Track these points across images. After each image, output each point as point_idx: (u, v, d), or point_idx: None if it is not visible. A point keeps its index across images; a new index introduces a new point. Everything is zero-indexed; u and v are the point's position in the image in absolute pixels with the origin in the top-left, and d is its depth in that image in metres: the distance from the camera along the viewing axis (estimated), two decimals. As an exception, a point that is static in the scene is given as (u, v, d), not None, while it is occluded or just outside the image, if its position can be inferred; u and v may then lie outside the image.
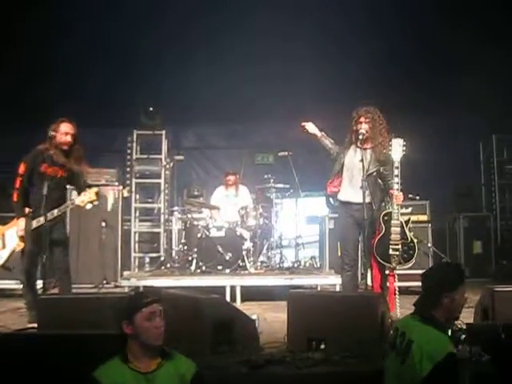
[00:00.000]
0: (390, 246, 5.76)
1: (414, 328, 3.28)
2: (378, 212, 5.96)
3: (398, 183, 5.76)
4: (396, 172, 5.74)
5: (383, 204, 6.17)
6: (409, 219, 5.92)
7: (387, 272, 6.00)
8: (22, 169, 6.09)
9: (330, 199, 6.27)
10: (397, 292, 5.94)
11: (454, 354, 3.07)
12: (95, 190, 6.15)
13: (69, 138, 6.09)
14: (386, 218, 5.81)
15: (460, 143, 11.19)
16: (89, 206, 6.20)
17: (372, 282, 5.97)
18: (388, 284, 6.03)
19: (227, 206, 9.27)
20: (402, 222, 5.81)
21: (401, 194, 5.79)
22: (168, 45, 9.87)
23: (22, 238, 6.01)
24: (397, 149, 5.75)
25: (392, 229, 5.76)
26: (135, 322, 3.19)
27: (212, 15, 9.74)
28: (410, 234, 5.84)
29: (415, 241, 5.90)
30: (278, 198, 9.51)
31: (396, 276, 5.93)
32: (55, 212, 6.00)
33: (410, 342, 3.19)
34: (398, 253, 5.77)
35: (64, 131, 6.09)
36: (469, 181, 11.12)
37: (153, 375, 3.14)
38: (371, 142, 6.05)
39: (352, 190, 6.03)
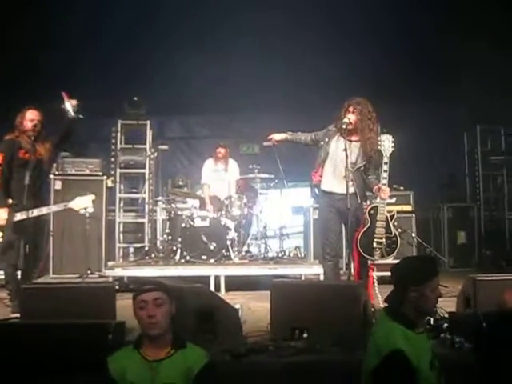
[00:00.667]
0: (374, 240, 5.83)
1: (379, 322, 3.25)
2: (361, 204, 5.99)
3: (385, 178, 5.80)
4: (385, 167, 5.79)
5: (369, 197, 6.18)
6: (394, 214, 5.96)
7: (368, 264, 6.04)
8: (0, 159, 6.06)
9: (315, 189, 6.26)
10: (376, 282, 5.97)
11: (402, 350, 2.97)
12: (92, 197, 6.21)
13: (35, 124, 6.14)
14: (371, 211, 5.85)
15: (444, 134, 11.22)
16: (82, 212, 6.25)
17: (354, 272, 6.00)
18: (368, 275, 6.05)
19: (216, 181, 9.25)
20: (387, 217, 5.85)
21: (388, 188, 5.83)
22: (155, 36, 9.81)
23: (1, 228, 5.97)
24: (386, 144, 5.79)
25: (377, 222, 5.82)
26: (134, 309, 3.17)
27: (201, 8, 9.67)
28: (394, 229, 5.89)
29: (398, 235, 5.95)
30: (264, 189, 9.51)
31: (375, 267, 5.95)
32: (44, 210, 6.00)
33: (371, 336, 3.15)
34: (381, 246, 5.83)
35: (30, 118, 6.18)
36: (453, 171, 11.19)
37: (158, 364, 3.07)
38: (358, 135, 6.04)
39: (335, 180, 6.03)
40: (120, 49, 9.83)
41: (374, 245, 5.83)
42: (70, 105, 6.31)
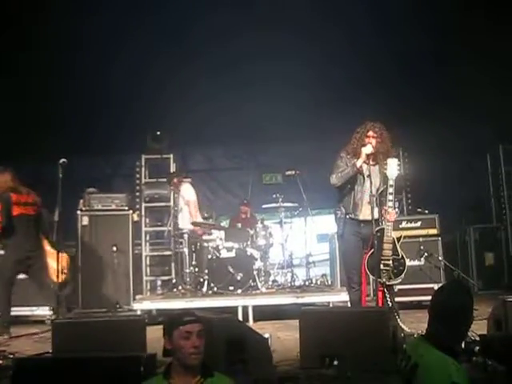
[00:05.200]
0: (382, 262, 5.78)
1: (424, 352, 3.14)
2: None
3: (391, 201, 5.77)
4: (390, 190, 5.76)
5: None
6: (400, 236, 5.95)
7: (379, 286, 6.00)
8: None
9: (340, 217, 6.24)
10: (395, 308, 5.90)
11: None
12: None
13: None
14: (378, 234, 5.83)
15: (467, 155, 11.17)
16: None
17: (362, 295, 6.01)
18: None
19: None
20: (394, 239, 5.83)
21: (394, 211, 5.81)
22: (174, 68, 9.99)
23: None
24: (392, 168, 5.79)
25: (384, 245, 5.77)
26: (173, 338, 3.22)
27: (222, 41, 9.86)
28: (400, 251, 5.86)
29: (405, 257, 5.92)
30: (288, 217, 9.52)
31: (387, 292, 5.89)
32: None
33: (415, 366, 3.09)
34: (388, 268, 5.78)
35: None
36: (478, 192, 11.11)
37: None
38: (376, 159, 6.04)
39: (360, 207, 6.03)
40: (141, 84, 10.01)
41: (382, 267, 5.78)
42: None
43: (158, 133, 10.20)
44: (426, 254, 8.42)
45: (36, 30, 9.24)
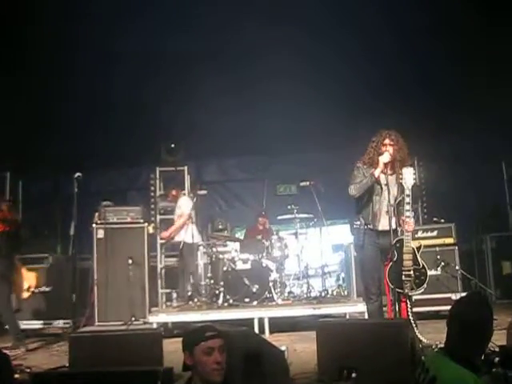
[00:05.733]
0: (403, 273, 5.70)
1: (442, 365, 3.11)
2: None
3: (408, 210, 5.71)
4: (407, 200, 5.69)
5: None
6: (420, 245, 5.88)
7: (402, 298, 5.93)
8: None
9: (354, 227, 6.19)
10: (412, 317, 5.84)
11: None
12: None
13: None
14: (397, 244, 5.77)
15: (482, 163, 11.09)
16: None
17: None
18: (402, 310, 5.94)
19: None
20: (413, 249, 5.77)
21: (412, 220, 5.74)
22: (187, 80, 10.04)
23: None
24: (408, 177, 5.73)
25: (404, 255, 5.70)
26: (195, 354, 3.19)
27: (232, 49, 9.89)
28: (421, 260, 5.81)
29: (426, 267, 5.86)
30: (303, 228, 9.50)
31: (408, 303, 5.84)
32: None
33: (434, 380, 3.06)
34: (410, 279, 5.71)
35: None
36: (494, 201, 11.03)
37: None
38: (396, 167, 5.98)
39: (378, 217, 5.99)
40: (157, 97, 10.06)
41: (403, 278, 5.71)
42: None
43: (173, 145, 10.25)
44: (442, 263, 8.37)
45: (45, 34, 9.31)
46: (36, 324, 8.21)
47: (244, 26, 9.49)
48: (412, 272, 5.74)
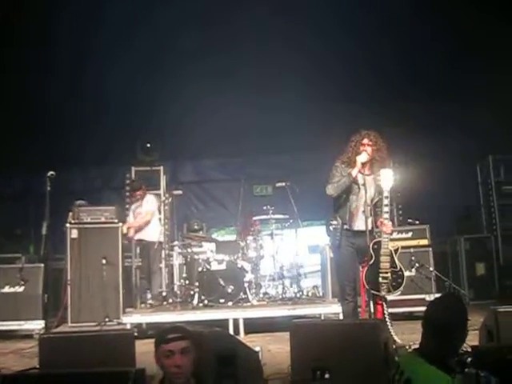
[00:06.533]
0: (380, 275, 5.71)
1: (415, 366, 3.13)
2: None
3: (387, 212, 5.73)
4: (386, 202, 5.71)
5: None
6: (398, 248, 5.90)
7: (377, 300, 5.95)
8: None
9: (330, 227, 6.18)
10: (388, 318, 5.86)
11: None
12: None
13: None
14: (375, 246, 5.78)
15: (457, 166, 11.21)
16: None
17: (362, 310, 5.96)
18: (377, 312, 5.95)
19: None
20: (391, 251, 5.79)
21: (390, 223, 5.76)
22: (164, 80, 9.99)
23: None
24: (386, 179, 5.74)
25: (382, 257, 5.71)
26: (158, 356, 3.14)
27: (212, 53, 9.85)
28: (398, 263, 5.82)
29: (403, 269, 5.87)
30: (278, 229, 9.48)
31: (384, 305, 5.86)
32: None
33: (408, 381, 3.07)
34: (387, 281, 5.72)
35: None
36: (468, 203, 11.15)
37: None
38: (374, 168, 6.00)
39: (354, 216, 5.98)
40: (131, 96, 9.98)
41: (380, 280, 5.73)
42: None
43: (149, 145, 10.19)
44: (417, 264, 8.42)
45: (24, 32, 9.18)
46: (7, 325, 8.07)
47: (225, 25, 9.48)
48: (389, 274, 5.75)
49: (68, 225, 8.50)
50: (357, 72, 10.01)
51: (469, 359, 4.56)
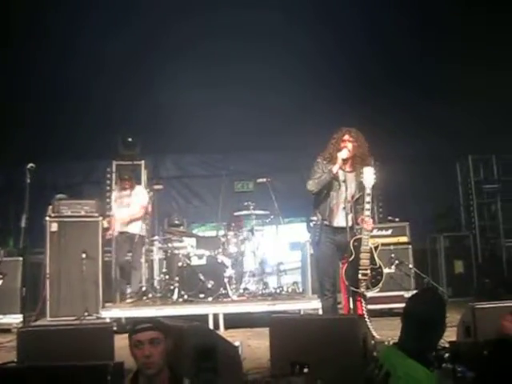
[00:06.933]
0: (359, 271, 5.75)
1: (396, 360, 3.17)
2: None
3: (369, 209, 5.76)
4: (368, 199, 5.74)
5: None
6: (378, 245, 5.94)
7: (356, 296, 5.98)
8: None
9: (311, 223, 6.21)
10: (366, 314, 5.89)
11: None
12: None
13: None
14: (355, 243, 5.82)
15: (437, 165, 11.31)
16: None
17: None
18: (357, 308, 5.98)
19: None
20: (371, 248, 5.83)
21: (371, 220, 5.80)
22: (146, 75, 9.94)
23: None
24: (368, 176, 5.78)
25: (362, 254, 5.75)
26: (130, 347, 3.18)
27: (193, 48, 9.80)
28: (378, 260, 5.87)
29: (383, 266, 5.92)
30: (259, 225, 9.49)
31: (363, 301, 5.89)
32: None
33: (388, 375, 3.12)
34: (366, 278, 5.76)
35: None
36: (448, 201, 11.26)
37: None
38: (355, 164, 6.03)
39: (334, 213, 6.01)
40: (113, 90, 9.91)
41: (360, 276, 5.76)
42: None
43: (130, 139, 10.13)
44: (396, 261, 8.49)
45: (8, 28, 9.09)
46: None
47: (199, 14, 9.43)
48: (369, 271, 5.79)
49: (48, 218, 8.44)
50: (341, 72, 10.03)
51: (446, 355, 4.63)
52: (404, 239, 8.77)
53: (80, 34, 9.32)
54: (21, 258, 8.10)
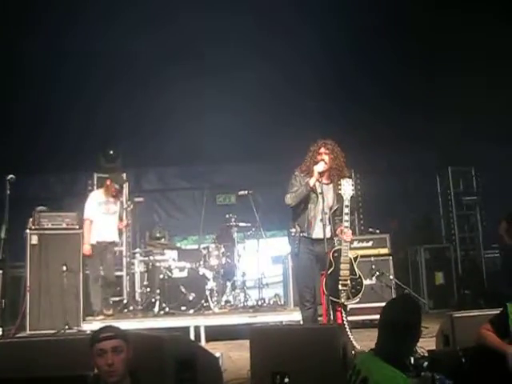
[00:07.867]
0: (340, 282, 5.82)
1: (372, 366, 3.19)
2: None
3: (347, 221, 5.83)
4: (346, 210, 5.81)
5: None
6: (357, 256, 6.01)
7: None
8: None
9: (293, 235, 6.23)
10: (347, 325, 5.93)
11: None
12: None
13: None
14: (335, 254, 5.88)
15: (417, 176, 11.42)
16: None
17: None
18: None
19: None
20: (351, 259, 5.88)
21: (350, 231, 5.86)
22: (129, 89, 9.93)
23: None
24: (346, 188, 5.84)
25: (341, 265, 5.82)
26: (92, 356, 3.17)
27: (175, 62, 9.83)
28: (358, 270, 5.92)
29: (362, 277, 5.98)
30: (241, 238, 9.50)
31: (343, 312, 5.93)
32: None
33: (365, 380, 3.13)
34: (346, 288, 5.82)
35: None
36: (428, 213, 11.34)
37: None
38: (332, 176, 6.08)
39: (312, 224, 6.04)
40: (95, 103, 9.91)
41: (340, 287, 5.82)
42: None
43: (111, 152, 10.11)
44: (377, 273, 8.53)
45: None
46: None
47: (179, 26, 9.46)
48: (349, 282, 5.85)
49: (28, 231, 8.39)
50: (324, 87, 10.10)
51: (425, 363, 4.65)
52: (385, 251, 8.81)
53: (62, 47, 9.32)
54: (0, 271, 8.03)
